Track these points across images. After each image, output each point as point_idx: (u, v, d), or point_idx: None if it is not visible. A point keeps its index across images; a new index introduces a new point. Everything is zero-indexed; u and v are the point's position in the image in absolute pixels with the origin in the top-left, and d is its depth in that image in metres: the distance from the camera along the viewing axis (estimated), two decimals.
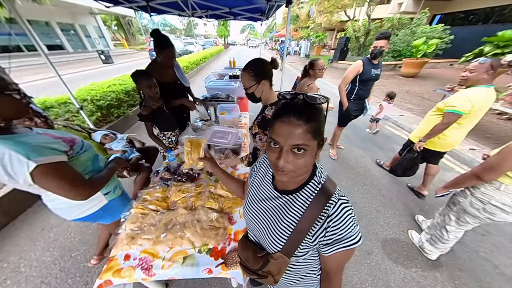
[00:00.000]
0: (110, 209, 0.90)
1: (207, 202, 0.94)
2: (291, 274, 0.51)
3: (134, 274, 0.71)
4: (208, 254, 0.77)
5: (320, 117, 0.39)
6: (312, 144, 0.38)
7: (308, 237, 0.42)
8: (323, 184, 0.43)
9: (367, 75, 1.88)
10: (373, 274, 1.25)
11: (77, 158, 0.73)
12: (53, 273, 1.21)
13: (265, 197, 0.50)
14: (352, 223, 0.40)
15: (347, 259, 0.44)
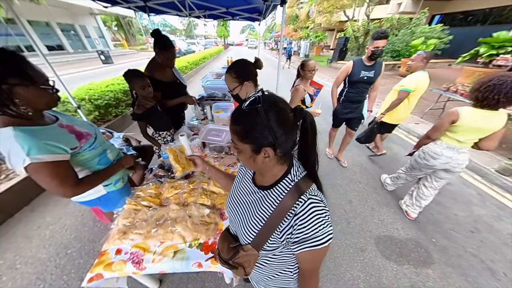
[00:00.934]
0: (107, 199, 0.95)
1: (199, 198, 0.96)
2: (266, 269, 0.51)
3: (125, 268, 0.72)
4: (199, 249, 0.79)
5: (251, 123, 0.38)
6: (241, 146, 0.40)
7: (276, 232, 0.42)
8: (296, 182, 0.43)
9: (355, 77, 1.74)
10: (365, 271, 1.27)
11: (82, 154, 0.78)
12: (49, 269, 1.22)
13: (245, 191, 0.52)
14: (320, 223, 0.39)
15: (319, 259, 0.45)
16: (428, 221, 1.64)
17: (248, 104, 0.38)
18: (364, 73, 1.71)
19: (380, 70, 1.70)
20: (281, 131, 0.38)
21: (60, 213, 1.63)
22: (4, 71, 0.56)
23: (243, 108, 0.38)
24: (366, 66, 1.69)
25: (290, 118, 0.39)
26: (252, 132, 0.38)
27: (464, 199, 1.89)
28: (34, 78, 0.61)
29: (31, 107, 0.63)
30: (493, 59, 4.77)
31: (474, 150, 1.28)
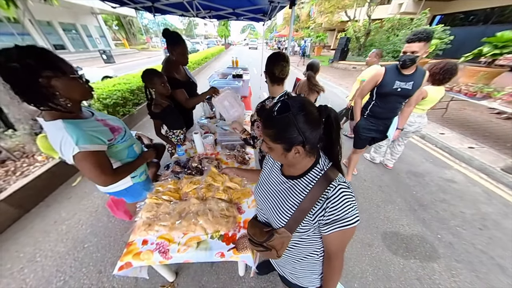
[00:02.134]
0: (133, 190, 1.01)
1: (217, 193, 1.00)
2: (295, 252, 0.56)
3: (153, 257, 0.76)
4: (220, 240, 0.83)
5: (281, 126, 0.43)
6: (273, 146, 0.46)
7: (309, 215, 0.47)
8: (325, 171, 0.48)
9: (387, 88, 1.37)
10: (373, 265, 1.31)
11: (116, 146, 0.84)
12: (68, 262, 1.26)
13: (274, 181, 0.57)
14: (349, 205, 0.44)
15: (346, 240, 0.49)
16: (433, 218, 1.68)
17: (278, 111, 0.43)
18: (398, 84, 1.33)
19: (420, 81, 1.30)
20: (309, 130, 0.42)
21: (74, 209, 1.67)
22: (37, 65, 0.59)
23: (274, 115, 0.43)
24: (402, 75, 1.31)
25: (316, 117, 0.43)
26: (283, 134, 0.43)
27: (470, 197, 1.93)
28: (64, 69, 0.65)
29: (68, 99, 0.68)
30: (496, 59, 4.79)
31: (479, 150, 1.79)
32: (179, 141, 1.50)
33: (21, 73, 0.57)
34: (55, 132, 0.66)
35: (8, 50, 0.57)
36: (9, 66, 0.56)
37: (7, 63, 0.56)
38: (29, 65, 0.57)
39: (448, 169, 2.37)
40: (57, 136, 0.66)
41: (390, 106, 1.46)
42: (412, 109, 1.50)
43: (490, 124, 3.46)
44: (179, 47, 1.39)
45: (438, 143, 2.85)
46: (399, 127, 1.55)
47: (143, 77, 1.23)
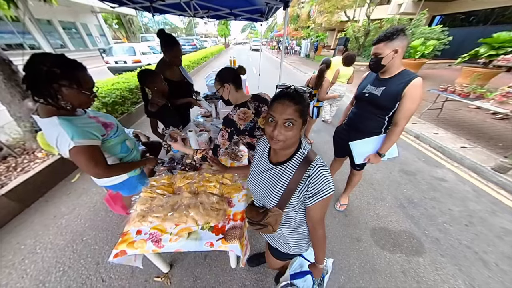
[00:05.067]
0: (129, 184, 1.06)
1: (209, 188, 1.05)
2: (286, 225, 0.67)
3: (146, 246, 0.81)
4: (210, 231, 0.88)
5: (304, 103, 0.53)
6: (298, 121, 0.53)
7: (295, 193, 0.57)
8: (306, 154, 0.57)
9: (358, 90, 1.25)
10: (360, 259, 1.36)
11: (109, 141, 0.89)
12: (67, 254, 1.32)
13: (263, 169, 0.66)
14: (326, 180, 0.54)
15: (325, 209, 0.59)
16: (421, 215, 1.73)
17: (300, 89, 0.57)
18: (368, 88, 1.16)
19: (397, 88, 1.01)
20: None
21: (73, 204, 1.72)
22: (60, 74, 0.67)
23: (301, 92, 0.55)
24: (378, 80, 1.12)
25: None
26: (305, 109, 0.54)
27: (459, 195, 1.98)
28: (81, 83, 0.73)
29: (70, 104, 0.75)
30: (493, 60, 4.83)
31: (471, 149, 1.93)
32: None
33: (43, 75, 0.64)
34: (51, 128, 0.71)
35: (45, 55, 0.66)
36: (38, 67, 0.64)
37: (38, 65, 0.64)
38: (54, 72, 0.66)
39: (440, 168, 2.42)
40: (53, 132, 0.71)
41: (359, 113, 1.27)
42: (400, 130, 1.09)
43: (484, 125, 3.50)
44: (173, 48, 1.44)
45: (432, 143, 2.90)
46: (380, 151, 1.21)
47: (141, 77, 1.27)
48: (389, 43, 0.96)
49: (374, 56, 1.04)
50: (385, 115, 1.13)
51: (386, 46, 0.97)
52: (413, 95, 0.98)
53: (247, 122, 0.99)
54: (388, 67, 1.04)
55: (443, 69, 8.93)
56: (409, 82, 0.98)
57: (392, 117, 1.10)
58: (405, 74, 1.03)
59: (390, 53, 0.98)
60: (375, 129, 1.21)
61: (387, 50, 0.98)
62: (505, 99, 2.52)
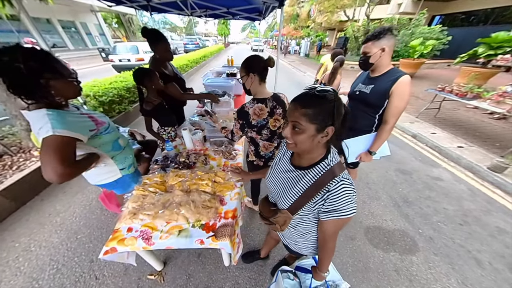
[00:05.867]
0: (122, 182, 1.06)
1: (201, 186, 1.05)
2: (296, 230, 0.67)
3: (136, 243, 0.82)
4: (201, 228, 0.88)
5: (318, 107, 0.47)
6: (308, 126, 0.47)
7: (310, 203, 0.55)
8: (331, 166, 0.53)
9: (351, 89, 1.28)
10: (354, 257, 1.36)
11: (100, 137, 0.88)
12: (61, 252, 1.32)
13: (283, 169, 0.65)
14: (348, 199, 0.50)
15: (340, 227, 0.56)
16: (416, 214, 1.74)
17: (322, 91, 0.46)
18: (359, 87, 1.19)
19: (385, 86, 1.03)
20: (339, 119, 0.48)
21: (69, 202, 1.72)
22: (40, 67, 0.66)
23: (316, 93, 0.47)
24: (369, 78, 1.15)
25: (343, 110, 0.49)
26: (322, 113, 0.47)
27: (455, 194, 1.99)
28: (62, 72, 0.72)
29: (63, 97, 0.74)
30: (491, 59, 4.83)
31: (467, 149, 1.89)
32: (169, 137, 1.55)
33: (23, 73, 0.62)
34: (38, 118, 0.68)
35: (13, 50, 0.61)
36: (13, 66, 0.61)
37: (12, 63, 0.61)
38: (32, 67, 0.64)
39: (436, 167, 2.42)
40: (38, 122, 0.68)
41: (352, 112, 1.25)
42: (389, 127, 1.10)
43: (481, 124, 3.51)
44: (161, 43, 1.41)
45: (429, 142, 2.91)
46: (371, 149, 1.22)
47: (138, 76, 1.27)
48: (376, 42, 0.99)
49: (363, 54, 1.07)
50: (375, 113, 1.15)
51: (374, 45, 1.01)
52: (401, 92, 1.00)
53: (260, 119, 0.99)
54: (376, 65, 1.06)
55: (443, 69, 8.93)
56: (396, 80, 1.00)
57: (382, 115, 1.12)
58: (393, 72, 1.05)
59: (378, 51, 1.00)
60: (366, 127, 1.22)
61: (375, 49, 1.01)
62: (502, 99, 2.53)
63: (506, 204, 1.87)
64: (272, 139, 1.09)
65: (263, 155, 1.15)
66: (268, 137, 1.07)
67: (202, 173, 1.10)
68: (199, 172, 1.10)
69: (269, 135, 1.06)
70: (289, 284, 0.76)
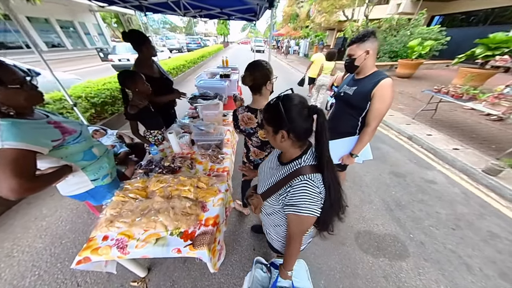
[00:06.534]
0: (96, 193, 1.02)
1: (183, 192, 1.03)
2: (271, 218, 0.72)
3: (110, 252, 0.79)
4: (179, 237, 0.86)
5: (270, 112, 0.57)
6: (267, 128, 0.60)
7: (276, 194, 0.62)
8: (301, 165, 0.57)
9: (338, 90, 1.28)
10: (342, 263, 1.34)
11: (66, 147, 0.84)
12: (44, 257, 1.30)
13: (270, 163, 0.74)
14: (305, 197, 0.54)
15: (301, 226, 0.59)
16: (408, 218, 1.72)
17: (274, 100, 0.56)
18: (344, 88, 1.20)
19: (367, 88, 1.03)
20: (294, 121, 0.53)
21: (56, 206, 1.70)
22: None
23: (270, 102, 0.58)
24: (354, 80, 1.15)
25: (304, 112, 0.54)
26: (273, 118, 0.57)
27: (448, 197, 1.96)
28: (1, 79, 0.64)
29: (11, 107, 0.67)
30: (489, 60, 4.81)
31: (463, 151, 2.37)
32: (156, 141, 1.53)
33: None
34: None
35: None
36: None
37: None
38: None
39: (430, 170, 2.40)
40: None
41: (336, 113, 1.31)
42: (371, 130, 1.09)
43: (478, 126, 3.48)
44: (145, 42, 1.45)
45: (424, 144, 2.88)
46: (352, 152, 1.21)
47: (122, 79, 1.25)
48: (361, 44, 1.01)
49: (349, 57, 1.09)
50: (358, 115, 1.16)
51: (358, 48, 1.03)
52: (382, 95, 1.01)
53: (247, 126, 1.00)
54: (361, 67, 1.08)
55: (441, 69, 8.91)
56: (378, 82, 1.01)
57: (365, 117, 1.12)
58: (376, 74, 1.05)
59: (363, 54, 1.02)
60: (349, 129, 1.23)
61: (359, 51, 1.02)
62: (497, 101, 2.50)
63: (500, 208, 1.85)
64: (264, 148, 1.09)
65: (252, 160, 1.17)
66: (259, 144, 1.07)
67: (184, 179, 1.07)
68: (181, 178, 1.08)
69: (259, 143, 1.05)
70: (260, 276, 0.80)
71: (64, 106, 2.39)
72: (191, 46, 17.00)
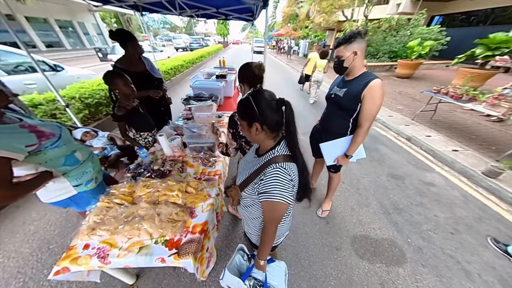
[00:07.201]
0: (79, 199, 0.98)
1: (171, 197, 0.99)
2: (249, 211, 0.73)
3: (90, 262, 0.76)
4: (164, 245, 0.82)
5: (242, 107, 0.61)
6: (241, 123, 0.63)
7: (252, 183, 0.65)
8: (274, 155, 0.61)
9: (328, 91, 1.26)
10: (338, 269, 1.30)
11: (44, 152, 0.79)
12: (30, 263, 1.26)
13: (250, 155, 0.77)
14: (276, 184, 0.57)
15: (275, 213, 0.61)
16: (406, 222, 1.68)
17: (244, 96, 0.63)
18: (335, 90, 1.19)
19: (357, 89, 1.02)
20: (265, 113, 0.56)
21: (45, 209, 1.66)
22: None
23: (242, 98, 0.62)
24: (344, 81, 1.13)
25: (273, 104, 0.57)
26: (246, 112, 0.60)
27: (447, 200, 1.93)
28: None
29: None
30: (489, 60, 4.77)
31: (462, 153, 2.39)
32: (147, 143, 1.49)
33: None
34: None
35: None
36: None
37: None
38: None
39: (429, 172, 2.36)
40: None
41: (328, 114, 1.31)
42: (363, 131, 1.09)
43: (478, 127, 3.44)
44: (131, 43, 1.48)
45: (423, 146, 2.84)
46: (347, 152, 1.21)
47: (105, 79, 1.21)
48: (348, 45, 1.00)
49: (337, 58, 1.07)
50: (349, 117, 1.16)
51: (346, 49, 1.02)
52: (372, 96, 1.00)
53: None
54: (350, 68, 1.07)
55: (441, 69, 8.87)
56: (367, 83, 1.00)
57: (356, 119, 1.13)
58: (366, 75, 1.05)
59: (351, 55, 1.01)
60: (340, 131, 1.23)
61: (347, 52, 1.02)
62: (497, 102, 2.46)
63: (499, 211, 1.81)
64: None
65: None
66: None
67: (173, 183, 1.04)
68: (170, 182, 1.04)
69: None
70: (239, 261, 0.83)
71: (56, 107, 2.35)
72: (193, 45, 18.16)
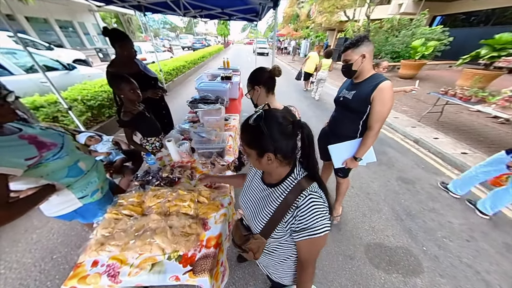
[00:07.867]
0: (85, 211, 0.93)
1: (182, 208, 0.94)
2: (274, 256, 0.61)
3: (100, 281, 0.70)
4: (177, 261, 0.77)
5: (252, 135, 0.48)
6: (250, 151, 0.50)
7: (282, 223, 0.51)
8: (298, 180, 0.51)
9: (337, 94, 1.26)
10: (353, 279, 1.25)
11: (45, 164, 0.74)
12: (33, 275, 1.21)
13: (255, 188, 0.62)
14: (318, 215, 0.47)
15: (316, 249, 0.52)
16: (419, 228, 1.63)
17: (253, 120, 0.46)
18: (343, 92, 1.18)
19: (366, 91, 1.02)
20: (281, 141, 0.47)
21: (48, 217, 1.60)
22: None
23: (248, 121, 0.47)
24: (352, 84, 1.13)
25: (289, 130, 0.47)
26: (256, 141, 0.48)
27: (460, 206, 1.88)
28: None
29: None
30: (494, 61, 4.73)
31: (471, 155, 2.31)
32: (154, 149, 1.44)
33: None
34: None
35: None
36: None
37: None
38: None
39: (439, 175, 2.31)
40: None
41: (336, 117, 1.29)
42: (374, 133, 1.06)
43: (485, 129, 3.40)
44: (123, 42, 1.42)
45: (431, 148, 2.80)
46: (356, 155, 1.18)
47: (111, 82, 1.16)
48: (356, 49, 1.01)
49: (345, 63, 1.07)
50: (358, 119, 1.14)
51: (354, 53, 1.02)
52: (382, 98, 0.99)
53: None
54: (359, 71, 1.06)
55: (444, 70, 8.82)
56: (377, 85, 0.99)
57: (366, 121, 1.11)
58: (375, 77, 1.04)
59: (359, 58, 1.01)
60: (349, 133, 1.21)
61: (355, 56, 1.02)
62: (508, 104, 2.42)
63: None
64: None
65: None
66: None
67: (184, 193, 0.98)
68: (180, 191, 0.99)
69: None
70: None
71: (58, 109, 2.30)
72: (196, 45, 18.66)
